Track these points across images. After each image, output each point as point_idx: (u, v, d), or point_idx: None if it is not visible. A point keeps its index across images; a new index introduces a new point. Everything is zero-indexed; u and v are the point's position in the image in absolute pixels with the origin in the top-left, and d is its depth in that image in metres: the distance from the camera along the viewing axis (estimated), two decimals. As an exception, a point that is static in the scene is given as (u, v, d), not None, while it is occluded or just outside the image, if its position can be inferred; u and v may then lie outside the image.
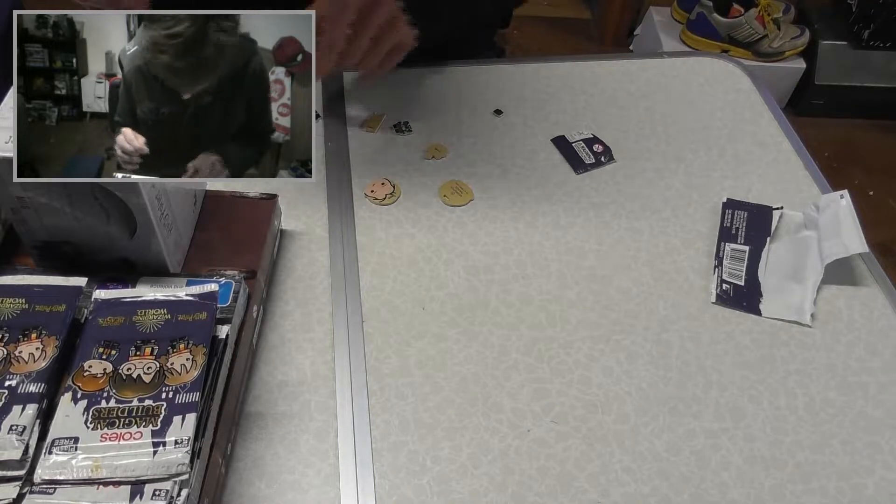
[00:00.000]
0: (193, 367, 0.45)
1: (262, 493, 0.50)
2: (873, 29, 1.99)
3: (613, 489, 0.51)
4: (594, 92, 0.84)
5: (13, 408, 0.42)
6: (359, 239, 0.66)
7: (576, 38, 2.35)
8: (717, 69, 0.89)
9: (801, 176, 0.76)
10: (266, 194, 0.62)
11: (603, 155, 0.76)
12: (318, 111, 0.79)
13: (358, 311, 0.60)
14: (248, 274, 0.55)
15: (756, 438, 0.54)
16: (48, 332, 0.46)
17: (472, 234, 0.67)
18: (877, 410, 0.56)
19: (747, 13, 1.93)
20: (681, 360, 0.59)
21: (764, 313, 0.62)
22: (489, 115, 0.80)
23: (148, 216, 0.49)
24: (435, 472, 0.51)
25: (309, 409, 0.54)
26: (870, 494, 0.52)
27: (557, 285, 0.64)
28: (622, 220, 0.70)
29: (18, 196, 0.48)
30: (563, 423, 0.54)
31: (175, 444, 0.42)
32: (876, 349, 0.60)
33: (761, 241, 0.67)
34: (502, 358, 0.58)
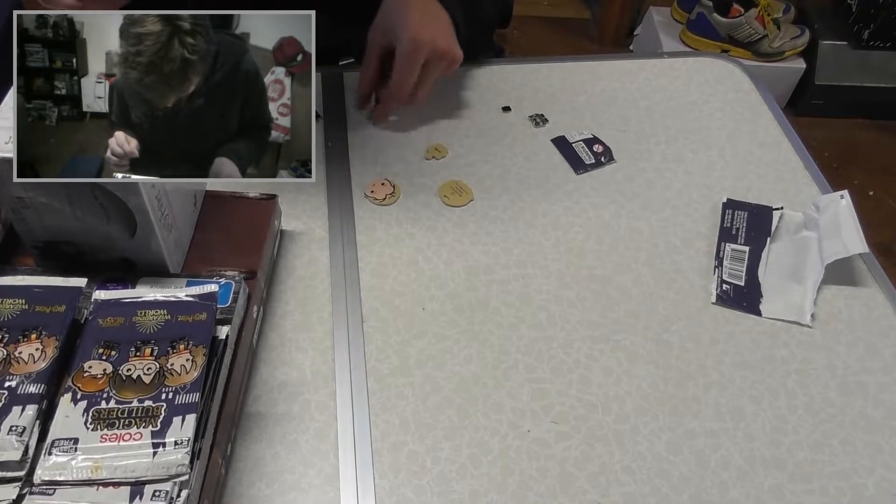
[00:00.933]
0: (193, 368, 0.45)
1: (262, 494, 0.50)
2: (873, 29, 1.99)
3: (613, 489, 0.51)
4: (594, 92, 0.84)
5: (13, 408, 0.42)
6: (359, 239, 0.66)
7: (576, 38, 2.35)
8: (717, 69, 0.89)
9: (801, 176, 0.76)
10: (266, 194, 0.62)
11: (603, 155, 0.76)
12: (318, 111, 0.79)
13: (358, 311, 0.60)
14: (248, 274, 0.55)
15: (756, 438, 0.54)
16: (48, 333, 0.46)
17: (472, 234, 0.67)
18: (877, 410, 0.56)
19: (747, 13, 1.93)
20: (681, 360, 0.59)
21: (764, 313, 0.62)
22: (489, 114, 0.80)
23: (148, 216, 0.49)
24: (435, 472, 0.51)
25: (309, 409, 0.54)
26: (870, 494, 0.52)
27: (557, 285, 0.64)
28: (622, 220, 0.70)
29: (18, 196, 0.48)
30: (562, 423, 0.54)
31: (175, 444, 0.42)
32: (876, 349, 0.60)
33: (761, 242, 0.67)
34: (502, 358, 0.58)
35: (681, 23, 2.10)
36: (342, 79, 0.83)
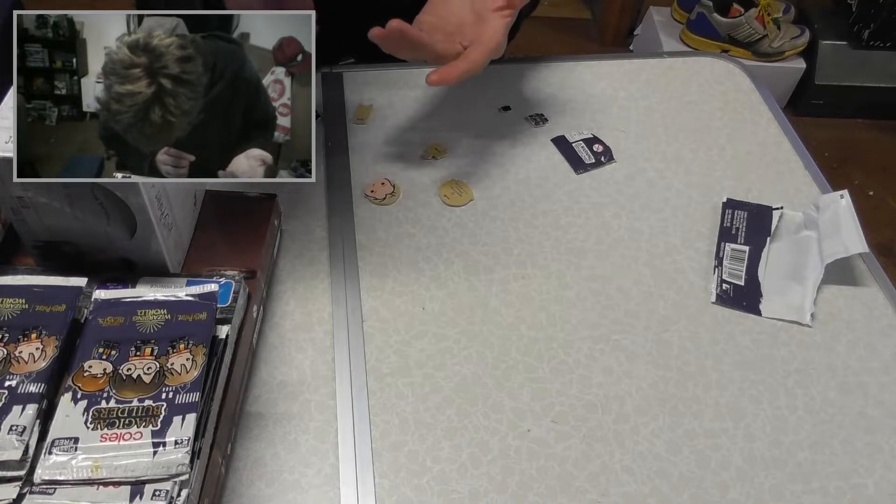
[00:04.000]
0: (193, 368, 0.45)
1: (262, 493, 0.50)
2: (873, 29, 1.99)
3: (613, 489, 0.51)
4: (594, 92, 0.84)
5: (13, 408, 0.42)
6: (359, 239, 0.66)
7: (576, 38, 2.35)
8: (717, 69, 0.89)
9: (801, 176, 0.76)
10: (266, 194, 0.62)
11: (603, 155, 0.76)
12: (318, 111, 0.79)
13: (358, 311, 0.60)
14: (248, 274, 0.55)
15: (756, 438, 0.54)
16: (48, 332, 0.46)
17: (472, 234, 0.67)
18: (877, 410, 0.56)
19: (747, 13, 1.93)
20: (681, 360, 0.59)
21: (764, 313, 0.62)
22: (490, 114, 0.80)
23: (148, 216, 0.49)
24: (435, 472, 0.51)
25: (309, 409, 0.54)
26: (870, 494, 0.52)
27: (557, 285, 0.64)
28: (622, 220, 0.70)
29: (18, 196, 0.48)
30: (563, 422, 0.54)
31: (175, 444, 0.42)
32: (876, 349, 0.60)
33: (761, 241, 0.67)
34: (502, 358, 0.58)
35: (681, 23, 2.10)
36: (342, 79, 0.83)
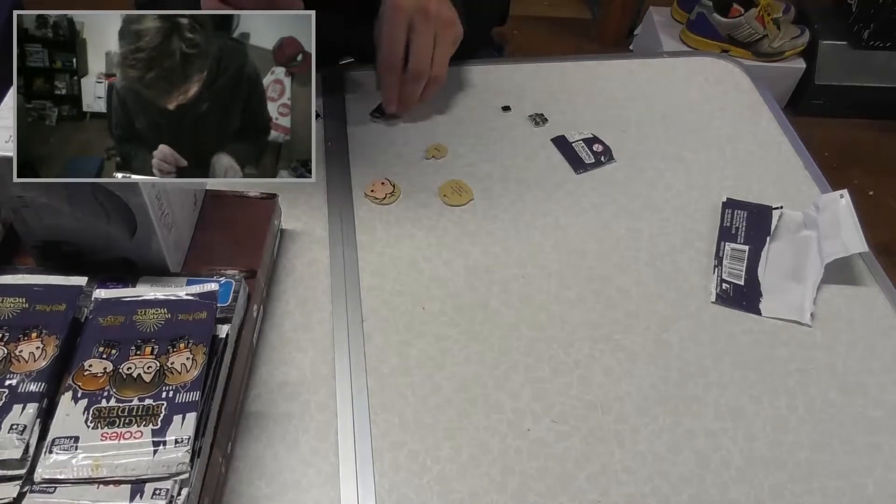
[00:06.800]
0: (194, 367, 0.45)
1: (262, 493, 0.50)
2: (873, 29, 1.99)
3: (613, 489, 0.51)
4: (594, 92, 0.84)
5: (13, 407, 0.42)
6: (359, 239, 0.66)
7: (576, 38, 2.35)
8: (717, 69, 0.89)
9: (801, 176, 0.76)
10: (266, 194, 0.62)
11: (603, 155, 0.76)
12: (318, 111, 0.79)
13: (358, 311, 0.60)
14: (248, 273, 0.55)
15: (756, 438, 0.54)
16: (48, 332, 0.46)
17: (472, 234, 0.67)
18: (877, 410, 0.56)
19: (747, 13, 1.93)
20: (681, 360, 0.59)
21: (764, 313, 0.62)
22: (489, 114, 0.80)
23: (148, 216, 0.49)
24: (435, 471, 0.51)
25: (309, 409, 0.54)
26: (870, 494, 0.52)
27: (557, 285, 0.64)
28: (622, 220, 0.70)
29: (18, 196, 0.48)
30: (563, 423, 0.54)
31: (175, 443, 0.42)
32: (876, 349, 0.60)
33: (761, 241, 0.67)
34: (502, 358, 0.58)
35: (681, 23, 2.10)
36: (342, 79, 0.83)
